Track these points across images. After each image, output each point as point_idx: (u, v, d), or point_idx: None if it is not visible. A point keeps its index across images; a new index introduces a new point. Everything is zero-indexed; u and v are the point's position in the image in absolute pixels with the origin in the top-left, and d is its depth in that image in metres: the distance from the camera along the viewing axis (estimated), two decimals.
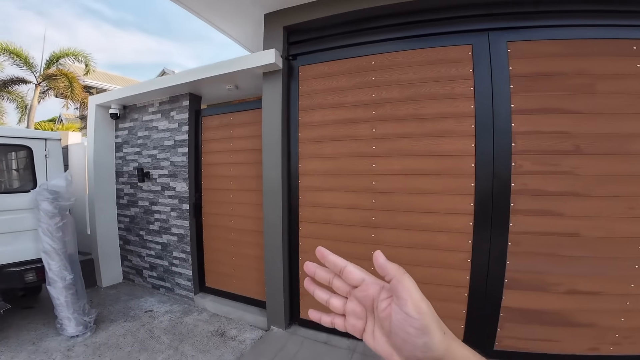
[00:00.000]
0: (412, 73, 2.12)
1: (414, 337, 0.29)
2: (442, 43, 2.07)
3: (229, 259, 3.04)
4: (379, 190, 2.18)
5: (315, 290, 0.39)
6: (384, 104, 2.17)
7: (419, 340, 0.29)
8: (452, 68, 2.03)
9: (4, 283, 2.21)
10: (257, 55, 2.48)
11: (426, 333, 0.29)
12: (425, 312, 0.29)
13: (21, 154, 2.50)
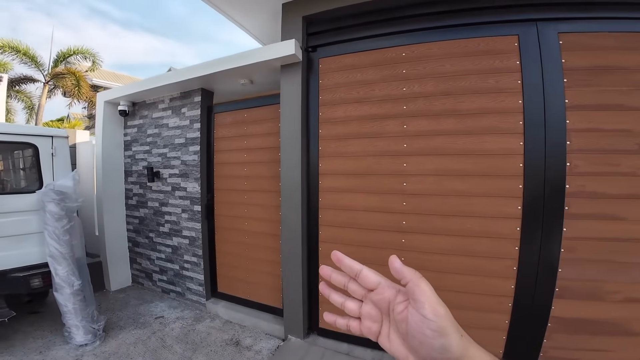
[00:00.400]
0: (449, 65, 1.93)
1: (430, 339, 0.29)
2: (483, 33, 1.88)
3: (242, 264, 2.88)
4: (411, 192, 1.99)
5: (331, 294, 0.39)
6: (417, 99, 1.98)
7: (436, 342, 0.29)
8: (496, 60, 1.84)
9: (9, 289, 2.08)
10: (275, 46, 2.30)
11: (443, 335, 0.29)
12: (442, 315, 0.30)
13: (26, 152, 2.37)
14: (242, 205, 2.85)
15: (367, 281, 0.35)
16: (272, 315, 2.75)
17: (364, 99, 2.13)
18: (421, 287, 0.31)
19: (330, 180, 2.26)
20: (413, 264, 2.00)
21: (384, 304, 0.34)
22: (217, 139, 2.98)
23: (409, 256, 2.01)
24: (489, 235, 1.84)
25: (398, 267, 0.33)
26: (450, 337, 0.29)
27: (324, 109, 2.29)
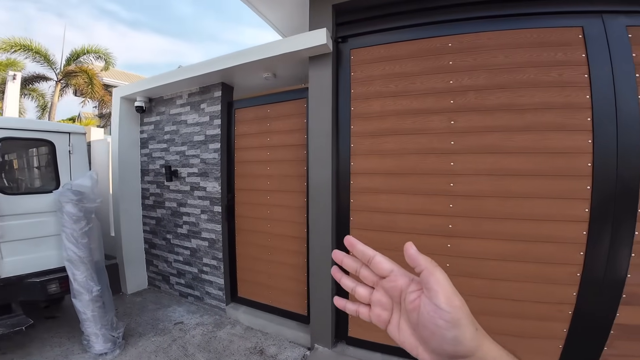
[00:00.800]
0: (503, 57, 1.74)
1: (443, 329, 0.28)
2: (540, 24, 1.71)
3: (264, 268, 2.74)
4: (459, 193, 1.80)
5: (342, 278, 0.38)
6: (466, 92, 1.79)
7: (448, 334, 0.28)
8: (559, 52, 1.66)
9: (25, 295, 1.97)
10: (304, 36, 2.13)
11: (457, 327, 0.28)
12: (457, 306, 0.29)
13: (42, 149, 2.26)
14: (265, 206, 2.70)
15: (380, 268, 0.34)
16: (296, 322, 2.61)
17: (403, 93, 1.95)
18: (436, 275, 0.30)
19: (364, 180, 2.09)
20: (460, 270, 1.82)
21: (396, 292, 0.33)
22: (238, 136, 2.84)
23: (454, 262, 1.83)
24: (550, 240, 1.66)
25: (413, 253, 0.31)
26: (464, 330, 0.28)
27: (357, 104, 2.12)
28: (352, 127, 2.11)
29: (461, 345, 0.28)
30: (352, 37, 2.19)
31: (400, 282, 0.33)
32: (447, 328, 0.28)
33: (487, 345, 0.29)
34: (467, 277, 1.81)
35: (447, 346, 0.28)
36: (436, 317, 0.28)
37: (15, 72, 4.61)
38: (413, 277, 0.32)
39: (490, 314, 1.78)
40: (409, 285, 0.32)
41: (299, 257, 2.54)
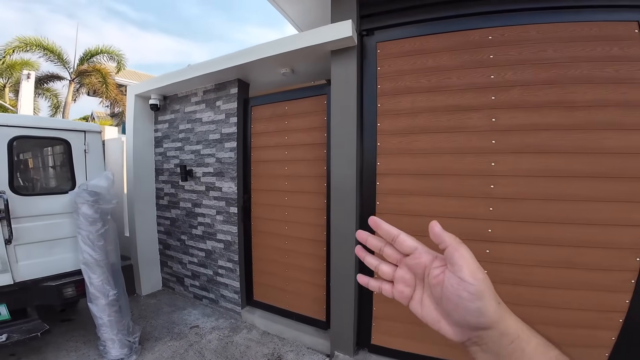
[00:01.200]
0: (552, 51, 1.59)
1: (467, 301, 0.29)
2: (594, 17, 1.56)
3: (281, 271, 2.64)
4: (500, 195, 1.65)
5: (366, 257, 0.39)
6: (510, 88, 1.64)
7: (472, 305, 0.29)
8: (614, 47, 1.51)
9: (41, 299, 1.92)
10: (326, 29, 2.01)
11: (480, 298, 0.29)
12: (481, 279, 0.30)
13: (57, 149, 2.20)
14: (282, 208, 2.59)
15: (405, 245, 0.35)
16: (314, 328, 2.51)
17: (437, 88, 1.81)
18: (461, 251, 0.31)
19: (392, 181, 1.95)
20: (501, 276, 1.68)
21: (420, 268, 0.34)
22: (255, 134, 2.73)
23: (494, 268, 1.69)
24: (604, 245, 1.51)
25: (438, 231, 0.32)
26: (487, 301, 0.29)
27: (384, 100, 1.98)
28: (379, 125, 1.98)
29: (484, 316, 0.29)
30: (378, 30, 2.05)
31: (424, 259, 0.34)
32: (471, 300, 0.29)
33: (509, 318, 0.30)
34: (509, 284, 1.67)
35: (471, 317, 0.29)
36: (460, 289, 0.29)
37: (29, 72, 4.64)
38: (437, 255, 0.34)
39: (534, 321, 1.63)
40: (432, 262, 0.33)
41: (318, 261, 2.43)
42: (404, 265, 0.36)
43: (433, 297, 0.33)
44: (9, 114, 2.00)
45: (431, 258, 0.34)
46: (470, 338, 0.31)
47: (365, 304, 2.13)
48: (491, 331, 0.29)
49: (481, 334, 0.30)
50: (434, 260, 0.33)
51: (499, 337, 0.29)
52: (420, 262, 0.34)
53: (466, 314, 0.30)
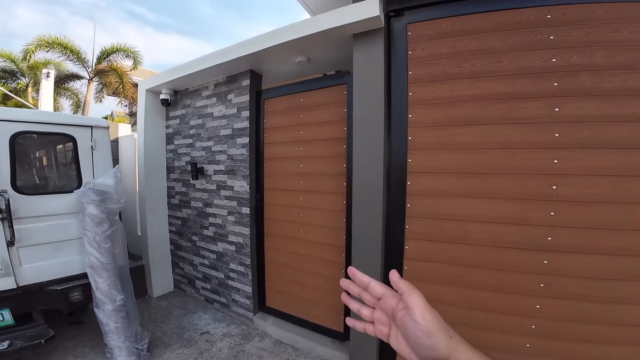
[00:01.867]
0: (628, 32, 1.30)
1: (422, 339, 0.34)
2: None
3: (295, 277, 2.45)
4: (565, 197, 1.36)
5: (350, 302, 0.46)
6: (577, 73, 1.35)
7: (427, 342, 0.34)
8: None
9: (46, 304, 1.82)
10: (349, 9, 1.77)
11: (431, 336, 0.34)
12: (429, 320, 0.35)
13: (62, 145, 2.10)
14: (297, 209, 2.40)
15: (375, 292, 0.41)
16: (330, 339, 2.31)
17: (483, 74, 1.53)
18: (412, 297, 0.36)
19: (426, 180, 1.70)
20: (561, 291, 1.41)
21: (389, 310, 0.40)
22: (268, 129, 2.55)
23: (553, 281, 1.41)
24: None
25: (395, 279, 0.39)
26: (438, 338, 0.34)
27: (416, 88, 1.72)
28: (410, 117, 1.73)
29: (437, 350, 0.34)
30: (408, 10, 1.79)
31: (391, 303, 0.39)
32: (424, 338, 0.34)
33: (461, 349, 0.34)
34: (571, 299, 1.39)
35: (427, 352, 0.35)
36: (415, 330, 0.35)
37: (49, 70, 4.70)
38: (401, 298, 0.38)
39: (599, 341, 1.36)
40: (397, 304, 0.38)
41: (336, 268, 2.22)
42: (379, 308, 0.42)
43: (401, 334, 0.38)
44: (10, 108, 1.90)
45: (397, 301, 0.38)
46: None
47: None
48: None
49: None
50: (398, 303, 0.38)
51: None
52: (388, 305, 0.39)
53: (423, 349, 0.35)
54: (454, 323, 1.75)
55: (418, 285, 0.38)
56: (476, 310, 1.60)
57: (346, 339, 2.23)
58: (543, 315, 1.45)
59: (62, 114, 2.06)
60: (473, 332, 1.61)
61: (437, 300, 1.69)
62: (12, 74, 8.07)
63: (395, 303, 0.38)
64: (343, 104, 2.14)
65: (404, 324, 0.36)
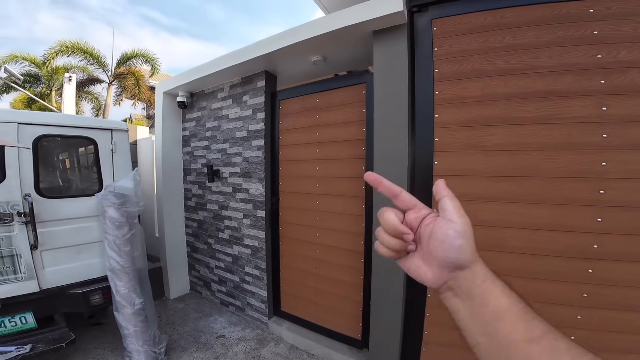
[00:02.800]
0: None
1: (452, 238, 0.32)
2: None
3: (311, 282, 2.39)
4: (614, 202, 1.24)
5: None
6: (627, 70, 1.23)
7: (456, 242, 0.32)
8: None
9: (67, 307, 1.84)
10: (370, 4, 1.70)
11: (463, 237, 0.32)
12: (465, 221, 0.33)
13: (83, 148, 2.13)
14: (313, 212, 2.34)
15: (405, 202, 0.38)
16: (347, 346, 2.24)
17: (519, 70, 1.42)
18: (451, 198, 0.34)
19: (454, 184, 1.58)
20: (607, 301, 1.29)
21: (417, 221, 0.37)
22: (283, 131, 2.50)
23: (598, 291, 1.30)
24: None
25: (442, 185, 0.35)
26: (469, 241, 0.33)
27: (443, 86, 1.63)
28: (437, 116, 1.63)
29: (464, 253, 0.32)
30: (433, 5, 1.69)
31: (423, 212, 0.37)
32: (455, 237, 0.32)
33: (480, 264, 0.34)
34: (616, 309, 1.26)
35: (452, 254, 0.33)
36: (448, 228, 0.33)
37: (70, 74, 4.87)
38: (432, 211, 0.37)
39: None
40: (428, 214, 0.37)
41: (354, 274, 2.15)
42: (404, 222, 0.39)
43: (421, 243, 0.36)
44: (33, 111, 1.94)
45: (427, 212, 0.37)
46: (446, 282, 0.34)
47: (414, 327, 1.81)
48: (467, 271, 0.33)
49: (457, 274, 0.33)
50: (429, 213, 0.37)
51: (471, 277, 0.33)
52: (419, 215, 0.37)
53: (449, 250, 0.32)
54: None
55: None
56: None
57: (364, 347, 2.15)
58: (584, 326, 1.34)
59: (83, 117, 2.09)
60: None
61: None
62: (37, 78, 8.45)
63: (427, 213, 0.36)
64: (361, 104, 2.06)
65: (434, 227, 0.34)
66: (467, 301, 0.33)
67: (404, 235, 0.36)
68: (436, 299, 1.71)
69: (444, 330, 1.71)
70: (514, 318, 0.30)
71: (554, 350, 0.27)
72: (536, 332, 0.29)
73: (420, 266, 0.36)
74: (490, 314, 0.31)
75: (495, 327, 0.30)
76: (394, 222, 0.36)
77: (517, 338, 0.29)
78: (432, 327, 1.75)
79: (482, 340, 0.32)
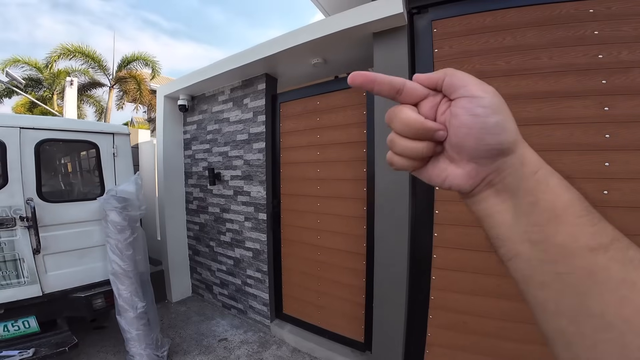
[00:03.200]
0: None
1: (484, 117, 0.24)
2: None
3: (313, 284, 2.38)
4: (617, 203, 1.23)
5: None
6: (628, 70, 1.23)
7: (490, 120, 0.24)
8: None
9: (70, 311, 1.85)
10: (370, 7, 1.70)
11: (497, 111, 0.24)
12: (492, 91, 0.25)
13: (85, 152, 2.14)
14: (314, 215, 2.33)
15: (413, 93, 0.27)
16: (350, 348, 2.23)
17: (520, 71, 1.42)
18: (457, 75, 0.26)
19: None
20: None
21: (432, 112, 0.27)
22: (284, 133, 2.50)
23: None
24: None
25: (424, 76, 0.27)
26: (506, 114, 0.24)
27: None
28: None
29: (505, 132, 0.24)
30: (432, 7, 1.70)
31: (438, 98, 0.27)
32: (487, 114, 0.24)
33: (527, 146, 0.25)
34: None
35: (490, 137, 0.24)
36: (473, 107, 0.24)
37: (72, 78, 4.90)
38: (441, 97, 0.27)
39: None
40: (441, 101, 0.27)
41: (356, 277, 2.14)
42: None
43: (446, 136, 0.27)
44: (35, 116, 1.95)
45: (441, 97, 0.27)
46: (485, 177, 0.26)
47: (417, 329, 1.80)
48: (513, 157, 0.25)
49: (500, 163, 0.25)
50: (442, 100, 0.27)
51: (520, 166, 0.24)
52: (434, 103, 0.27)
53: (485, 135, 0.24)
54: (490, 335, 1.67)
55: (447, 295, 0.35)
56: (514, 322, 1.49)
57: (367, 349, 2.15)
58: None
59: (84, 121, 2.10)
60: (511, 345, 1.49)
61: (470, 311, 1.58)
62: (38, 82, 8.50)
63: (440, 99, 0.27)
64: (362, 106, 2.06)
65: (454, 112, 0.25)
66: (511, 199, 0.25)
67: (437, 132, 0.26)
68: (440, 301, 1.70)
69: (448, 332, 1.70)
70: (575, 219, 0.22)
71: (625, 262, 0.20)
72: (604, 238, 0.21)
73: (445, 169, 0.27)
74: (543, 213, 0.23)
75: (549, 231, 0.23)
76: (417, 119, 0.26)
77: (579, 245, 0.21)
78: (435, 328, 1.74)
79: (524, 249, 0.24)
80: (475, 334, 1.59)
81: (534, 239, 0.23)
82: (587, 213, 0.22)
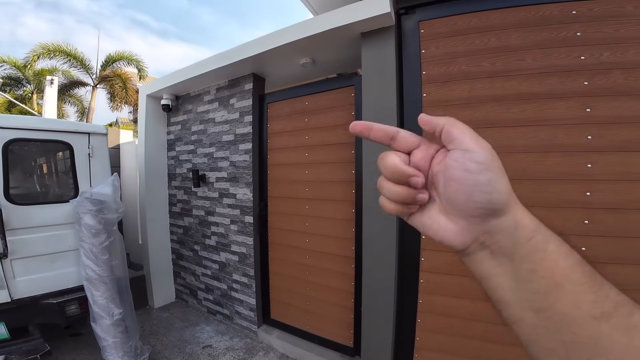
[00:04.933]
0: None
1: (475, 173, 0.24)
2: None
3: (301, 289, 2.33)
4: (599, 204, 1.24)
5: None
6: (609, 71, 1.25)
7: (482, 177, 0.23)
8: None
9: (41, 318, 1.74)
10: (358, 6, 1.69)
11: (489, 168, 0.24)
12: (486, 146, 0.25)
13: (58, 153, 2.03)
14: (302, 218, 2.29)
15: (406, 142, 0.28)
16: (339, 353, 2.19)
17: (505, 72, 1.42)
18: (458, 125, 0.25)
19: None
20: None
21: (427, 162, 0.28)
22: (271, 134, 2.45)
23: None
24: None
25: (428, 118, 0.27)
26: (499, 173, 0.24)
27: (431, 88, 1.62)
28: None
29: (497, 191, 0.24)
30: (420, 7, 1.70)
31: (431, 151, 0.28)
32: (480, 170, 0.24)
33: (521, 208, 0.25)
34: None
35: (481, 195, 0.24)
36: (466, 161, 0.24)
37: (52, 77, 4.71)
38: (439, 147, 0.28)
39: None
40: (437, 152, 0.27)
41: (345, 280, 2.11)
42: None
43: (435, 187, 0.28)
44: (3, 115, 1.83)
45: (436, 149, 0.27)
46: (478, 237, 0.25)
47: (405, 333, 1.78)
48: (505, 219, 0.24)
49: (492, 225, 0.24)
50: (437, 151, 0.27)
51: (513, 229, 0.24)
52: (428, 154, 0.27)
53: (475, 191, 0.24)
54: (476, 338, 1.66)
55: (435, 298, 0.34)
56: (500, 325, 1.48)
57: (356, 354, 2.11)
58: None
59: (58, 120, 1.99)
60: (498, 348, 1.49)
61: (457, 314, 1.57)
62: (18, 81, 8.16)
63: (435, 150, 0.27)
64: (351, 107, 2.04)
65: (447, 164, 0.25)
66: (509, 264, 0.24)
67: (411, 178, 0.26)
68: (428, 304, 1.68)
69: (436, 335, 1.68)
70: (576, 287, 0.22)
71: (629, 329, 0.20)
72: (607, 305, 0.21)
73: (437, 220, 0.27)
74: (543, 281, 0.23)
75: (550, 300, 0.22)
76: (395, 163, 0.27)
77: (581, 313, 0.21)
78: (424, 332, 1.72)
79: (528, 316, 0.24)
80: (462, 337, 1.57)
81: (536, 307, 0.23)
82: (588, 279, 0.22)
